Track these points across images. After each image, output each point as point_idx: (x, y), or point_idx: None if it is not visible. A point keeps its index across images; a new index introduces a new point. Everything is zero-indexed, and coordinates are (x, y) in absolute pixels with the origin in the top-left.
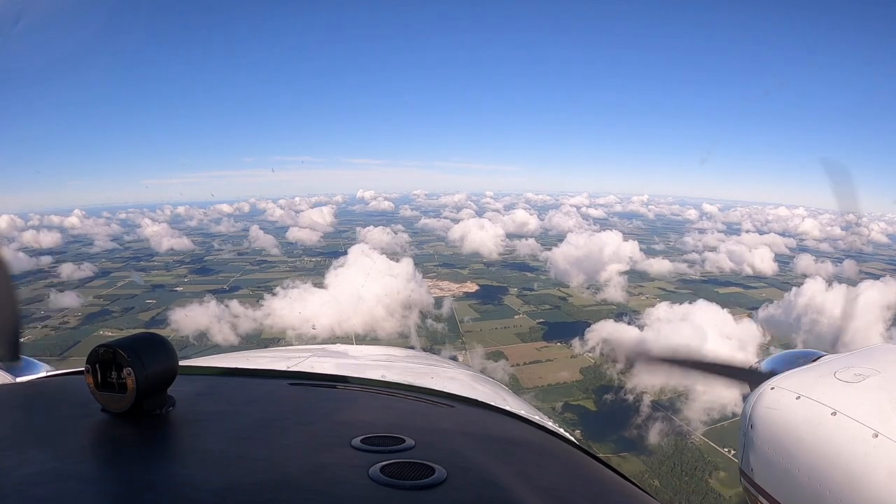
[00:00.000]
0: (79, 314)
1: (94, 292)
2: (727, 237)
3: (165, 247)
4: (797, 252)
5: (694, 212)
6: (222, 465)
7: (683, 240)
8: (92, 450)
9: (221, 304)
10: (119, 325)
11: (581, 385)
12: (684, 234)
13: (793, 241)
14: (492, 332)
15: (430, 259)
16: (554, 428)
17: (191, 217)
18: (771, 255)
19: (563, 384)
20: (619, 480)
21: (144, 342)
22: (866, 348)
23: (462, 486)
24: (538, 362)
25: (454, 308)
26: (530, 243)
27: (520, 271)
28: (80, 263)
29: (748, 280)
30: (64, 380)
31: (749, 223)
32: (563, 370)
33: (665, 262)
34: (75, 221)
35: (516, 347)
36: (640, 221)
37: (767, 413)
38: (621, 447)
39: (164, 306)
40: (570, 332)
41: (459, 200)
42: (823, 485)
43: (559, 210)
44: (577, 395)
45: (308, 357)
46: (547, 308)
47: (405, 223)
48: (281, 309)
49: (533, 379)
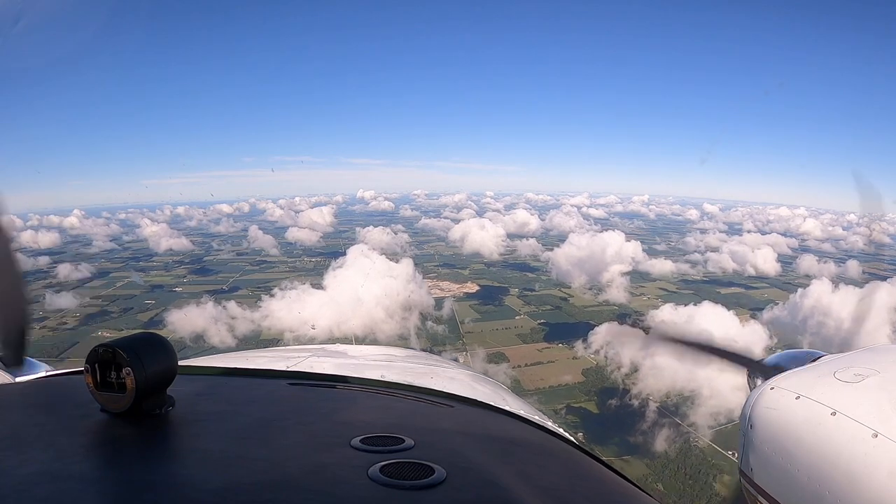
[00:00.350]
0: (77, 315)
1: (93, 293)
2: (729, 237)
3: (164, 247)
4: (799, 252)
5: (695, 212)
6: (222, 465)
7: (685, 240)
8: (91, 450)
9: (219, 305)
10: (118, 326)
11: (583, 387)
12: (686, 234)
13: (794, 241)
14: (493, 332)
15: (430, 259)
16: (554, 428)
17: (190, 217)
18: (774, 256)
19: (565, 386)
20: (619, 480)
21: (144, 342)
22: (866, 348)
23: (461, 485)
24: (540, 364)
25: (455, 309)
26: (531, 243)
27: (520, 271)
28: (79, 264)
29: (750, 280)
30: (63, 380)
31: (750, 223)
32: (565, 372)
33: (668, 263)
34: (74, 222)
35: (517, 349)
36: (642, 221)
37: (767, 413)
38: (624, 450)
39: (162, 307)
40: (572, 332)
41: (460, 200)
42: (823, 485)
43: (560, 210)
44: (580, 397)
45: (307, 357)
46: (548, 309)
47: (405, 223)
48: (279, 310)
49: (535, 381)
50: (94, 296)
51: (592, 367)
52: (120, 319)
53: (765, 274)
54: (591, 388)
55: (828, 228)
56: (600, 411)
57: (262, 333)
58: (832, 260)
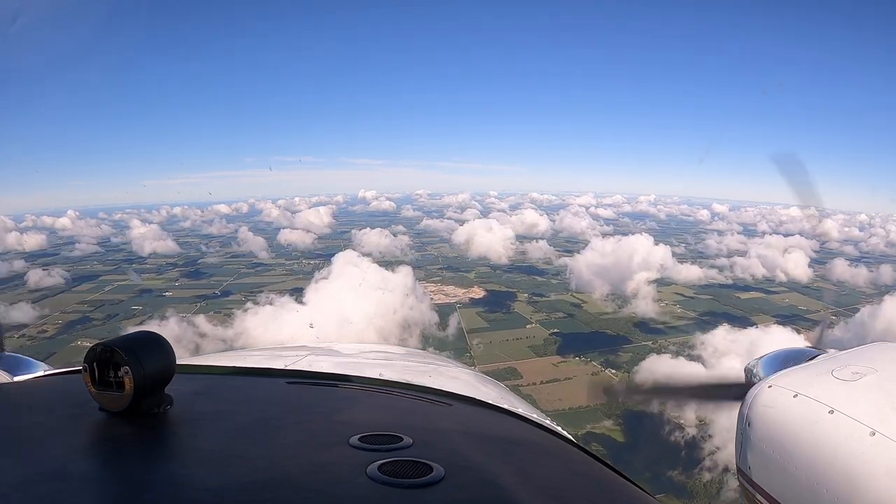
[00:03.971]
0: (59, 322)
1: (79, 297)
2: (747, 239)
3: (157, 249)
4: (821, 254)
5: (705, 212)
6: (220, 464)
7: (705, 243)
8: (89, 449)
9: (184, 321)
10: (100, 334)
11: (605, 409)
12: (699, 235)
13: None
14: (503, 344)
15: (433, 262)
16: (552, 426)
17: (186, 218)
18: (806, 260)
19: (586, 408)
20: (616, 478)
21: (142, 341)
22: (864, 346)
23: (460, 484)
24: (556, 381)
25: (461, 319)
26: (541, 245)
27: (529, 275)
28: (69, 266)
29: (768, 284)
30: (61, 379)
31: (764, 224)
32: (584, 390)
33: (694, 269)
34: (66, 223)
35: (530, 363)
36: (654, 222)
37: (765, 411)
38: (657, 487)
39: (150, 313)
40: (588, 343)
41: (463, 200)
42: (821, 483)
43: (568, 210)
44: (601, 419)
45: (306, 356)
46: (561, 317)
47: (407, 224)
48: (254, 328)
49: (552, 401)
50: (80, 301)
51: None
52: (103, 327)
53: (796, 279)
54: (615, 411)
55: (844, 230)
56: (626, 439)
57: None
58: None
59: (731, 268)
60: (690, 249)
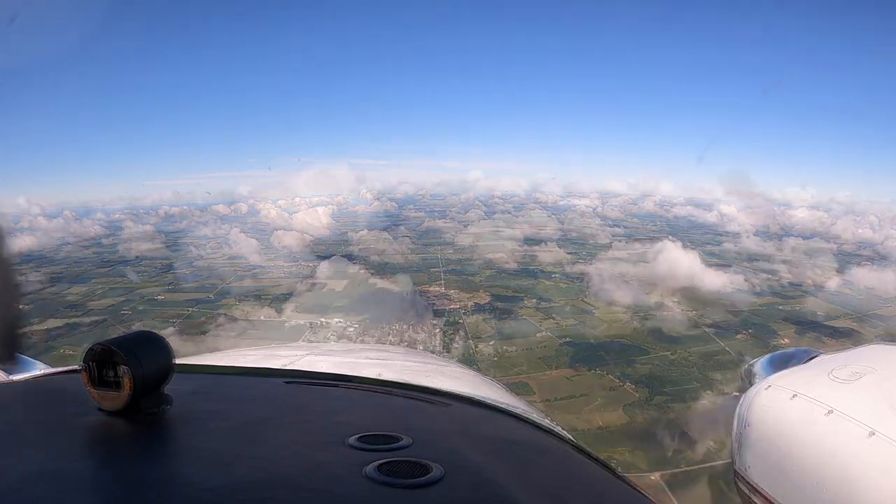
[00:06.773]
0: (45, 327)
1: (66, 302)
2: (763, 241)
3: (151, 251)
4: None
5: (714, 214)
6: (219, 463)
7: (723, 247)
8: (88, 448)
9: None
10: (83, 342)
11: (628, 431)
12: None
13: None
14: (511, 355)
15: (436, 264)
16: (550, 426)
17: (184, 218)
18: (835, 265)
19: (607, 430)
20: (614, 479)
21: (141, 340)
22: (862, 347)
23: (458, 484)
24: (572, 398)
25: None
26: (550, 248)
27: (537, 279)
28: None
29: (786, 289)
30: (60, 378)
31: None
32: (604, 408)
33: (721, 275)
34: (61, 223)
35: (542, 377)
36: (664, 223)
37: (763, 412)
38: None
39: (140, 318)
40: (603, 353)
41: (467, 200)
42: (819, 483)
43: (574, 211)
44: (625, 444)
45: (304, 355)
46: (571, 324)
47: (409, 224)
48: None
49: (569, 419)
50: (66, 305)
51: (635, 402)
52: (89, 334)
53: (822, 285)
54: (637, 432)
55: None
56: (650, 467)
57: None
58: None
59: (755, 272)
60: (707, 252)
